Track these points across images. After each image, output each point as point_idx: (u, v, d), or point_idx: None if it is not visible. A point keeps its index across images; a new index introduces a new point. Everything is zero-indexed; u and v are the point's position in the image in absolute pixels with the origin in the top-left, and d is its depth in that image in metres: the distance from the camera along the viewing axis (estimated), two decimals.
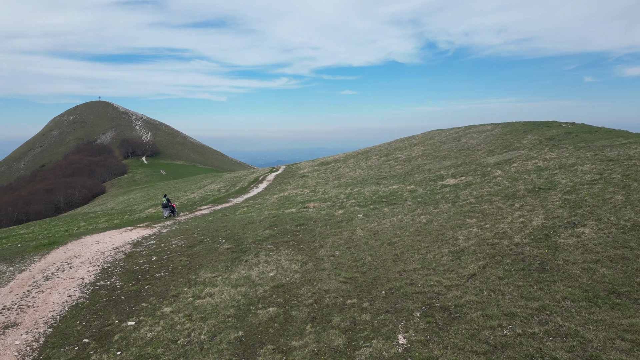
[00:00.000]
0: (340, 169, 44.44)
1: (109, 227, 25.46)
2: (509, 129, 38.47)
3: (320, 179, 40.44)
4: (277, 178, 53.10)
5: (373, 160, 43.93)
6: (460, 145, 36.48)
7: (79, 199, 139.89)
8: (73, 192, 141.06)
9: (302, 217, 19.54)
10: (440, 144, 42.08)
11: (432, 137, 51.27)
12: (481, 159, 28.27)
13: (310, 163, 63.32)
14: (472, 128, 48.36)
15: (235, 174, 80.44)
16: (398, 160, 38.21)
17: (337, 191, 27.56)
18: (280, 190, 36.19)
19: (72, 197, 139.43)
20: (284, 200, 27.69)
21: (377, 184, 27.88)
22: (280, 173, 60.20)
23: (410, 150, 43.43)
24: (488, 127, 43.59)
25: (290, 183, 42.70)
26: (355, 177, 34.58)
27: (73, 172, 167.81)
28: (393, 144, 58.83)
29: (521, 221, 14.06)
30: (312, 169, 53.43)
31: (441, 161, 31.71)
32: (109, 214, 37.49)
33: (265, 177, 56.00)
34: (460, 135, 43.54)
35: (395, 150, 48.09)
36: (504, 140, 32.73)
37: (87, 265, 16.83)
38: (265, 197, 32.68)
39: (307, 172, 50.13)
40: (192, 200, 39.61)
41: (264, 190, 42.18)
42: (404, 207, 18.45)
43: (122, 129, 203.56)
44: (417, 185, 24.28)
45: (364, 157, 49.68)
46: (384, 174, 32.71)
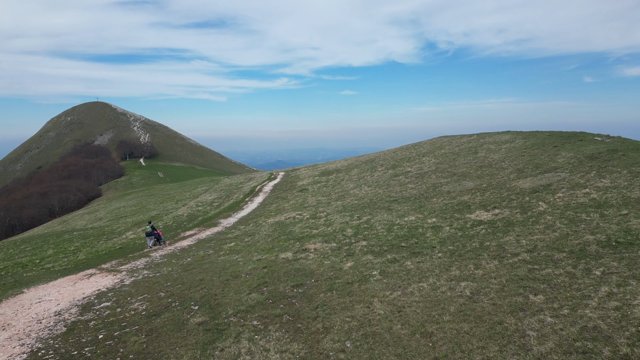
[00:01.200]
0: (343, 183, 39.95)
1: (67, 268, 20.96)
2: (532, 140, 33.96)
3: (321, 194, 35.97)
4: (274, 190, 48.65)
5: (379, 174, 39.43)
6: (479, 160, 31.98)
7: (74, 202, 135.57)
8: (68, 196, 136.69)
9: (300, 271, 15.07)
10: (453, 156, 37.59)
11: (441, 146, 46.81)
12: (511, 181, 23.77)
13: (311, 172, 58.83)
14: (486, 137, 43.85)
15: (232, 181, 75.97)
16: (408, 176, 33.71)
17: (342, 220, 23.09)
18: (277, 211, 31.72)
19: (67, 201, 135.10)
20: (280, 231, 23.22)
21: (388, 211, 23.42)
22: (278, 182, 55.75)
23: (420, 163, 38.93)
24: (506, 138, 39.05)
25: (288, 199, 38.23)
26: (361, 196, 30.09)
27: (69, 174, 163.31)
28: (399, 152, 54.35)
29: (615, 306, 9.61)
30: (312, 179, 48.97)
31: (461, 181, 27.23)
32: (84, 237, 33.07)
33: (262, 188, 51.55)
34: (476, 146, 39.04)
35: (402, 161, 43.61)
36: (532, 157, 28.21)
37: (12, 345, 12.36)
38: (259, 221, 28.19)
39: (306, 185, 45.66)
40: (179, 219, 35.14)
41: (259, 206, 37.73)
42: (434, 261, 13.97)
43: (120, 130, 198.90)
44: (439, 217, 19.81)
45: (369, 168, 45.21)
46: (394, 194, 28.23)
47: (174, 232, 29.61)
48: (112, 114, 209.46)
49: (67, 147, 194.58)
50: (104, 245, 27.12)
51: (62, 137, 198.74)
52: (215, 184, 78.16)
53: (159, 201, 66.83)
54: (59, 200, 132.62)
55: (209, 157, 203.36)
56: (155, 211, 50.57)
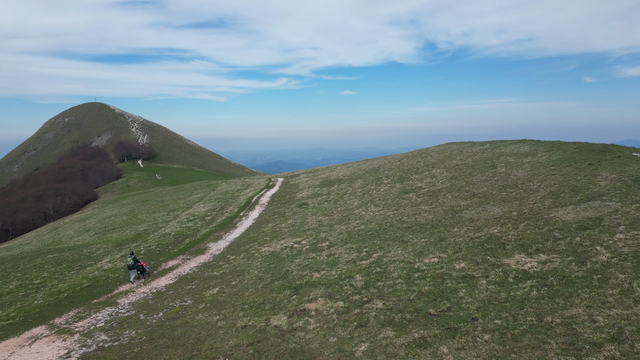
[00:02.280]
0: (346, 198, 36.05)
1: (13, 322, 17.05)
2: (558, 155, 30.01)
3: (322, 212, 32.10)
4: (271, 202, 44.76)
5: (386, 188, 35.53)
6: (501, 177, 28.04)
7: (69, 206, 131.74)
8: (63, 199, 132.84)
9: (296, 355, 11.19)
10: (467, 169, 33.67)
11: (451, 156, 42.90)
12: (547, 210, 19.86)
13: (311, 180, 54.93)
14: (501, 147, 39.84)
15: (229, 187, 72.13)
16: (420, 194, 29.79)
17: (348, 256, 19.23)
18: (272, 234, 27.85)
19: (62, 204, 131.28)
20: (274, 270, 19.35)
21: (402, 243, 19.57)
22: (276, 192, 51.90)
23: (431, 176, 35.02)
24: (526, 149, 35.05)
25: (285, 216, 34.38)
26: (368, 219, 26.21)
27: (65, 176, 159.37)
28: (405, 160, 50.43)
29: None
30: (312, 191, 45.08)
31: (483, 204, 23.34)
32: (58, 262, 29.18)
33: (258, 200, 47.66)
34: (492, 158, 35.09)
35: (410, 173, 39.71)
36: (565, 177, 24.26)
37: None
38: (251, 249, 24.30)
39: (306, 198, 41.77)
40: (164, 241, 31.28)
41: (254, 224, 33.89)
42: (479, 350, 10.08)
43: (118, 131, 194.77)
44: (469, 260, 15.95)
45: (373, 180, 41.31)
46: (406, 218, 24.35)
47: (156, 260, 25.75)
48: (110, 115, 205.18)
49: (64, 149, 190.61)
50: (72, 279, 23.31)
51: (60, 138, 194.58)
52: (212, 190, 74.35)
53: (152, 210, 63.00)
54: (53, 204, 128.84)
55: (208, 158, 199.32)
56: (144, 224, 46.73)
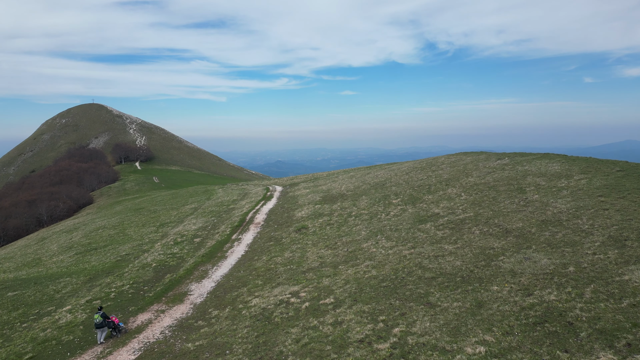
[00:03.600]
0: (351, 222, 31.39)
1: None
2: (601, 180, 25.26)
3: (324, 243, 27.48)
4: (268, 221, 40.11)
5: (396, 212, 30.86)
6: (536, 208, 23.30)
7: (63, 211, 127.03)
8: (57, 204, 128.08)
9: None
10: (490, 191, 28.96)
11: (466, 171, 38.21)
12: (616, 267, 15.19)
13: (311, 194, 50.25)
14: (524, 163, 35.01)
15: (225, 197, 67.51)
16: (438, 224, 25.08)
17: (360, 330, 14.62)
18: (265, 275, 23.23)
19: (56, 209, 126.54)
20: (264, 347, 14.78)
21: (430, 309, 14.99)
22: (274, 208, 47.28)
23: (448, 199, 30.31)
24: (556, 169, 30.27)
25: (282, 244, 29.78)
26: (380, 260, 21.59)
27: (61, 179, 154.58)
28: (413, 174, 45.70)
29: None
30: (312, 209, 40.40)
31: (523, 248, 18.69)
32: (13, 306, 24.46)
33: (254, 217, 43.03)
34: (516, 177, 30.36)
35: (422, 191, 35.01)
36: (624, 215, 19.44)
37: None
38: (238, 303, 19.68)
39: (305, 218, 37.14)
40: (140, 278, 26.63)
41: (246, 254, 29.31)
42: None
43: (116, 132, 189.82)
44: (528, 351, 11.39)
45: (381, 199, 36.63)
46: (427, 263, 19.72)
47: (125, 311, 21.15)
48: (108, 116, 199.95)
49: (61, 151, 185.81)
50: (18, 341, 18.70)
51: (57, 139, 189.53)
52: (207, 200, 69.75)
53: (141, 223, 58.34)
54: (47, 208, 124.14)
55: (207, 160, 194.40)
56: (128, 244, 42.07)
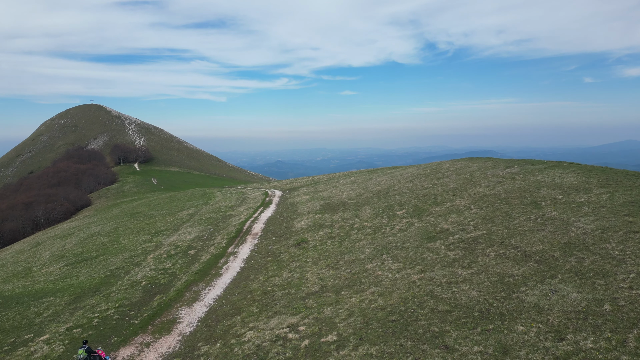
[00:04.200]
0: (354, 237, 29.39)
1: None
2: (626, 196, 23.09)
3: (326, 261, 25.49)
4: (265, 232, 38.11)
5: (402, 225, 28.83)
6: (556, 227, 21.23)
7: (61, 213, 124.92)
8: (54, 207, 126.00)
9: None
10: (502, 206, 26.87)
11: (473, 179, 36.17)
12: None
13: (311, 201, 48.23)
14: (535, 172, 32.90)
15: (223, 203, 65.51)
16: (449, 243, 23.03)
17: None
18: (262, 301, 21.24)
19: (53, 212, 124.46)
20: None
21: (447, 353, 13.01)
22: (273, 216, 45.28)
23: (456, 211, 28.23)
24: (572, 179, 28.15)
25: (280, 260, 27.80)
26: (388, 287, 19.57)
27: (59, 181, 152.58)
28: (417, 182, 43.62)
29: None
30: (312, 219, 38.39)
31: (547, 277, 16.67)
32: None
33: (251, 227, 41.03)
34: (530, 190, 28.28)
35: (427, 202, 32.91)
36: None
37: None
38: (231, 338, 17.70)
39: (305, 229, 35.14)
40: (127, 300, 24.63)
41: (240, 274, 27.32)
42: None
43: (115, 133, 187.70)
44: None
45: (385, 209, 34.60)
46: (440, 291, 17.70)
47: (107, 342, 19.19)
48: (107, 117, 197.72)
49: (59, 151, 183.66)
50: None
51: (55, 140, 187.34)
52: (205, 205, 67.76)
53: (136, 230, 56.33)
54: (44, 211, 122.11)
55: (206, 161, 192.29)
56: (120, 256, 40.06)
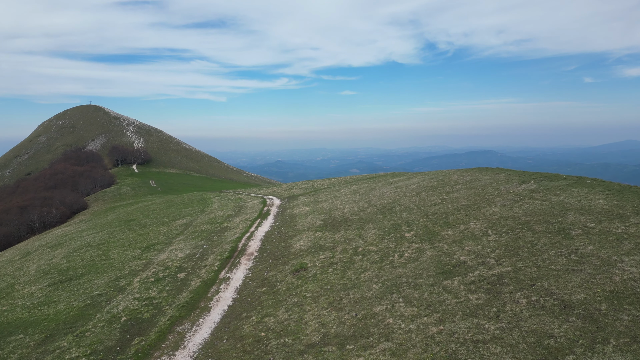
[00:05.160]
0: (358, 266, 26.23)
1: None
2: None
3: (327, 298, 22.36)
4: (262, 251, 35.00)
5: (411, 253, 25.67)
6: (596, 268, 18.00)
7: (56, 217, 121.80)
8: (50, 210, 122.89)
9: None
10: (525, 232, 23.70)
11: (486, 196, 33.01)
12: None
13: (311, 215, 45.09)
14: (556, 190, 29.73)
15: (219, 211, 62.43)
16: (469, 282, 19.85)
17: None
18: (254, 353, 18.17)
19: (49, 215, 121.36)
20: None
21: None
22: (270, 231, 42.14)
23: (472, 236, 25.09)
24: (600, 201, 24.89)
25: (276, 293, 24.69)
26: (401, 342, 16.43)
27: (56, 183, 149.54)
28: (424, 195, 40.44)
29: None
30: (312, 238, 35.24)
31: (599, 343, 13.57)
32: None
33: (247, 245, 37.92)
34: (554, 214, 25.11)
35: (437, 222, 29.77)
36: None
37: None
38: None
39: (305, 251, 32.01)
40: (101, 344, 21.57)
41: (231, 310, 24.22)
42: None
43: (113, 134, 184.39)
44: None
45: (391, 230, 31.43)
46: (464, 353, 14.51)
47: None
48: (105, 118, 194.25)
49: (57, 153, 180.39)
50: None
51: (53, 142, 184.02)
52: (201, 213, 64.72)
53: (128, 241, 53.24)
54: (39, 215, 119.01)
55: (205, 162, 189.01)
56: (106, 276, 36.93)
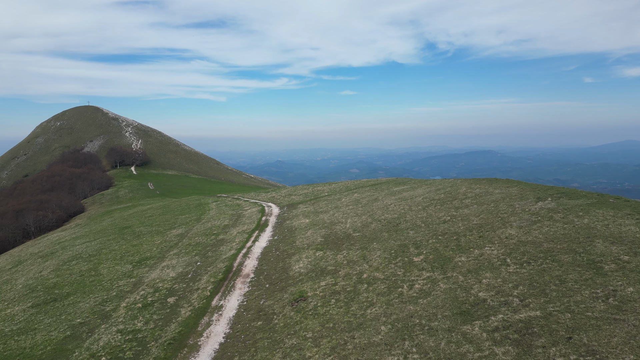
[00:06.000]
0: (365, 297, 23.53)
1: None
2: None
3: (329, 342, 19.72)
4: (258, 273, 32.34)
5: (422, 283, 22.98)
6: None
7: (52, 221, 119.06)
8: (45, 214, 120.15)
9: None
10: (549, 262, 21.03)
11: (499, 214, 30.33)
12: None
13: (311, 229, 42.42)
14: (577, 210, 26.97)
15: (216, 221, 59.76)
16: (492, 329, 17.09)
17: None
18: None
19: (44, 219, 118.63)
20: None
21: None
22: (268, 247, 39.49)
23: (489, 265, 22.37)
24: (630, 228, 22.04)
25: (274, 328, 22.04)
26: None
27: (53, 186, 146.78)
28: (432, 210, 37.70)
29: None
30: (312, 259, 32.56)
31: None
32: None
33: (242, 265, 35.27)
34: (581, 242, 22.44)
35: (449, 244, 27.10)
36: None
37: None
38: None
39: (304, 275, 29.35)
40: None
41: (225, 345, 21.62)
42: None
43: (112, 136, 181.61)
44: None
45: (398, 252, 28.74)
46: None
47: None
48: (104, 119, 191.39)
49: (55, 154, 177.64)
50: None
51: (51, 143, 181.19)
52: (197, 222, 62.06)
53: (120, 254, 50.55)
54: (35, 219, 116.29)
55: (204, 164, 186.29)
56: (91, 298, 34.26)
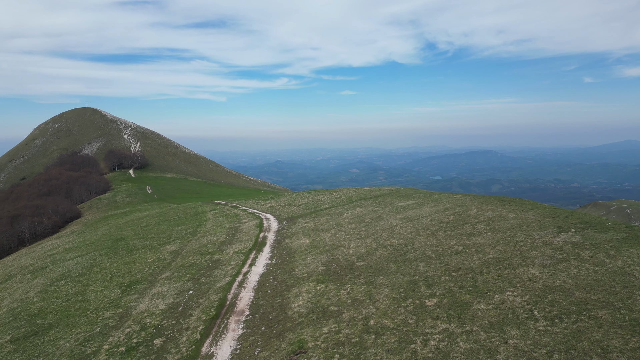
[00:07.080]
0: (374, 352, 20.65)
1: None
2: None
3: None
4: (255, 306, 29.37)
5: (438, 340, 20.06)
6: None
7: (48, 227, 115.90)
8: (41, 220, 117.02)
9: None
10: (585, 320, 18.05)
11: (517, 247, 27.33)
12: None
13: (312, 253, 39.33)
14: (606, 246, 23.92)
15: (212, 236, 56.71)
16: None
17: None
18: None
19: (40, 225, 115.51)
20: None
21: None
22: (265, 274, 36.45)
23: (514, 317, 19.31)
24: None
25: None
26: None
27: (49, 190, 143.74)
28: (441, 236, 34.62)
29: None
30: (313, 293, 29.48)
31: None
32: None
33: (239, 294, 32.27)
34: (615, 289, 19.36)
35: (464, 284, 24.03)
36: None
37: None
38: None
39: (304, 316, 26.28)
40: None
41: None
42: None
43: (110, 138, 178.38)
44: None
45: (408, 294, 25.65)
46: None
47: None
48: (102, 121, 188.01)
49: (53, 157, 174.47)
50: None
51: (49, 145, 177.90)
52: (192, 236, 59.07)
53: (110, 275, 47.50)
54: (30, 225, 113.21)
55: (203, 166, 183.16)
56: (72, 335, 31.22)
